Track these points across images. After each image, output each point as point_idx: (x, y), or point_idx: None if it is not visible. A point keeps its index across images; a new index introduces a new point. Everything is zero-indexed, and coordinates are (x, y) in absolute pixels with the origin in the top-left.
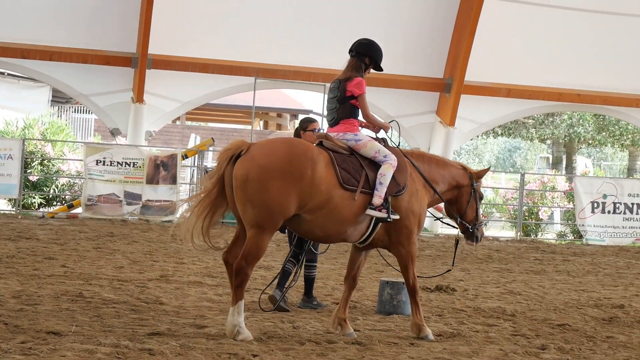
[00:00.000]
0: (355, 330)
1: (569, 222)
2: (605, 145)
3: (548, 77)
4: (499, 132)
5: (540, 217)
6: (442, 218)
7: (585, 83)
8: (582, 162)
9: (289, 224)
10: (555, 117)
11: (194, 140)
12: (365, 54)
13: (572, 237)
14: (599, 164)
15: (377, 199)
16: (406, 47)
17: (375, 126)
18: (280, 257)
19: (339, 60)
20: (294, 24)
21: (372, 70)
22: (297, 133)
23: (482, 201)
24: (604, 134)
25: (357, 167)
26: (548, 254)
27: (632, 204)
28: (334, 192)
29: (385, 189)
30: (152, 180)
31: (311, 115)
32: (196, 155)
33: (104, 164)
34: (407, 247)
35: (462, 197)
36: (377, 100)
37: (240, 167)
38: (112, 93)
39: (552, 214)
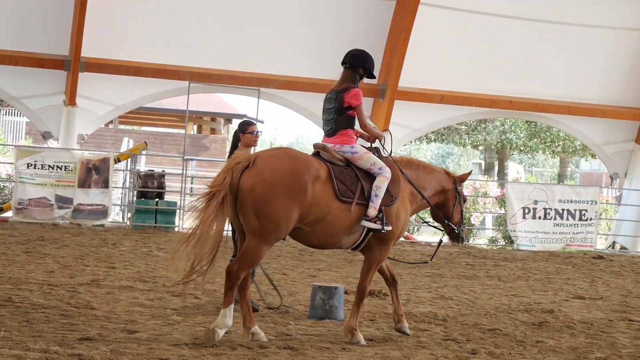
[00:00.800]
0: (286, 335)
1: (501, 227)
2: (537, 152)
3: (481, 83)
4: (432, 138)
5: (472, 222)
6: (429, 222)
7: (518, 90)
8: (513, 169)
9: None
10: (487, 124)
11: (126, 144)
12: (359, 65)
13: (504, 243)
14: (531, 170)
15: (372, 211)
16: (339, 53)
17: (371, 136)
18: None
19: (273, 65)
20: (229, 29)
21: (365, 80)
22: (237, 136)
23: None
24: (535, 140)
25: (353, 179)
26: (479, 259)
27: (563, 209)
28: (331, 205)
29: (380, 201)
30: (83, 184)
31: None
32: (129, 159)
33: (35, 168)
34: (381, 251)
35: (448, 201)
36: (311, 105)
37: (246, 180)
38: (44, 96)
39: (483, 219)
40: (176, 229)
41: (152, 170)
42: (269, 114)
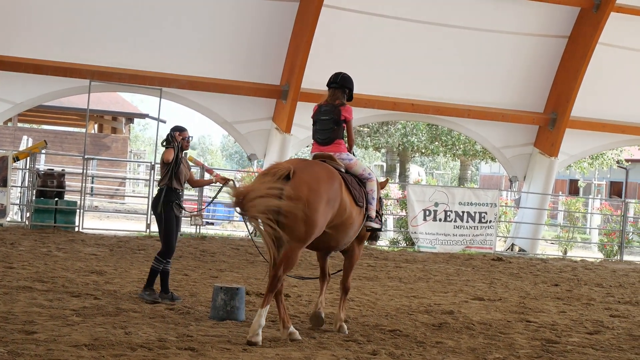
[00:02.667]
0: (187, 336)
1: (402, 229)
2: (438, 155)
3: (383, 86)
4: None
5: None
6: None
7: (419, 93)
8: (415, 171)
9: None
10: (389, 126)
11: (26, 143)
12: (347, 86)
13: (405, 244)
14: (432, 172)
15: (373, 212)
16: (243, 53)
17: (350, 147)
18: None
19: (175, 65)
20: (131, 27)
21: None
22: (171, 139)
23: None
24: (436, 143)
25: (357, 185)
26: (381, 261)
27: (463, 212)
28: (352, 210)
29: (376, 202)
30: None
31: (147, 120)
32: (28, 158)
33: None
34: (360, 249)
35: None
36: (214, 105)
37: (296, 189)
38: None
39: (385, 221)
40: (76, 229)
41: (52, 169)
42: (170, 114)
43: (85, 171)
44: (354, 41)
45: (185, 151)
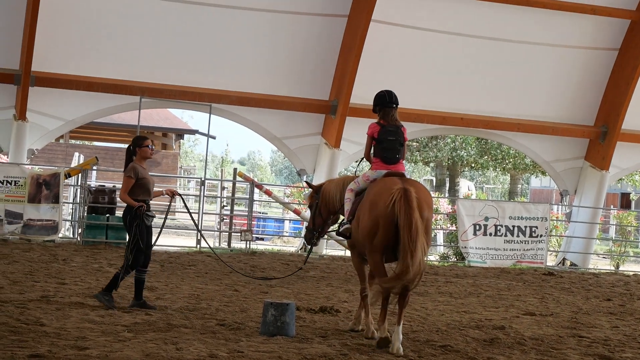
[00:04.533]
0: (238, 352)
1: (452, 244)
2: (488, 169)
3: (432, 100)
4: None
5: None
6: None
7: (469, 107)
8: (464, 185)
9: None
10: (438, 140)
11: (77, 159)
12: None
13: (455, 259)
14: (481, 187)
15: None
16: (293, 69)
17: None
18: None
19: (225, 81)
20: (181, 44)
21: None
22: (132, 150)
23: None
24: (486, 157)
25: None
26: (431, 276)
27: (513, 226)
28: None
29: None
30: (33, 199)
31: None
32: (80, 174)
33: None
34: None
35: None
36: (263, 121)
37: (422, 207)
38: None
39: (435, 236)
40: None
41: (103, 186)
42: (220, 130)
43: None
44: (402, 56)
45: (149, 159)
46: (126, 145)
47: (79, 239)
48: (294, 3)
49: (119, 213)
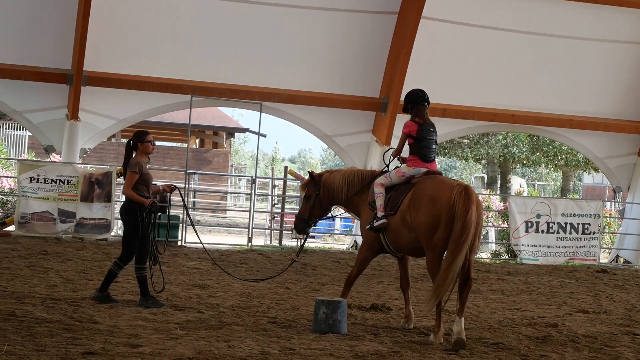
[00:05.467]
0: (290, 349)
1: (504, 241)
2: (539, 166)
3: (483, 97)
4: (435, 152)
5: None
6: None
7: (520, 103)
8: (516, 182)
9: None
10: (490, 137)
11: None
12: None
13: (507, 256)
14: (533, 183)
15: None
16: (343, 67)
17: None
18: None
19: (275, 79)
20: (231, 42)
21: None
22: (132, 145)
23: None
24: (538, 154)
25: None
26: (483, 273)
27: (565, 223)
28: None
29: None
30: (86, 198)
31: (248, 134)
32: None
33: (37, 182)
34: None
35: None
36: (314, 119)
37: (480, 207)
38: (47, 110)
39: (486, 233)
40: (178, 243)
41: (155, 184)
42: (271, 128)
43: (187, 186)
44: (452, 52)
45: (150, 154)
46: (178, 144)
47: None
48: (344, 0)
49: (171, 211)
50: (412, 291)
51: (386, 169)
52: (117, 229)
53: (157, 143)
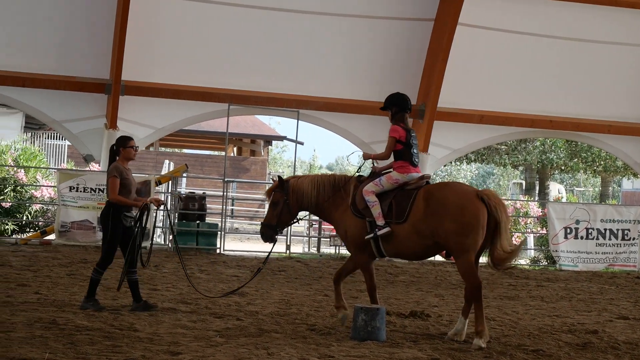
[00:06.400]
0: (329, 356)
1: (543, 247)
2: (578, 172)
3: (520, 103)
4: (472, 158)
5: (514, 242)
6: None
7: (558, 109)
8: (555, 188)
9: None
10: (527, 143)
11: (167, 167)
12: None
13: (546, 263)
14: (572, 189)
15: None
16: (379, 74)
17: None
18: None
19: (312, 87)
20: (268, 50)
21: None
22: (115, 150)
23: None
24: (576, 160)
25: None
26: (522, 280)
27: (605, 229)
28: None
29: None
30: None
31: (285, 142)
32: (170, 182)
33: (77, 191)
34: None
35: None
36: (351, 126)
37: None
38: (86, 119)
39: (525, 239)
40: (217, 250)
41: (193, 192)
42: (308, 135)
43: (225, 194)
44: (489, 59)
45: (132, 160)
46: (216, 153)
47: (170, 245)
48: (381, 8)
49: (209, 219)
50: (451, 297)
51: (357, 173)
52: (156, 237)
53: (195, 152)
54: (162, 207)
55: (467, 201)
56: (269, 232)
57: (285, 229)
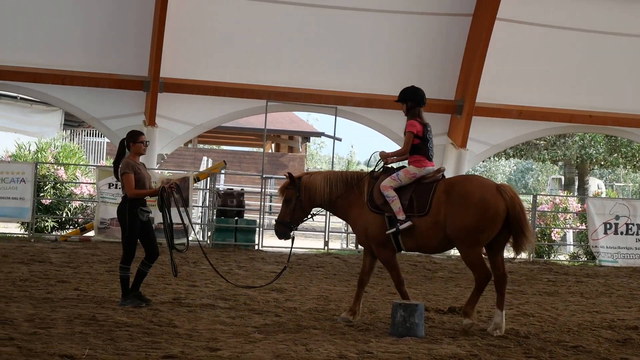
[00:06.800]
0: (368, 353)
1: (582, 243)
2: (618, 167)
3: (559, 98)
4: (511, 154)
5: (553, 238)
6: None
7: (597, 104)
8: (594, 183)
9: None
10: (566, 139)
11: (206, 163)
12: None
13: (585, 259)
14: (611, 185)
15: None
16: (417, 70)
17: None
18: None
19: (350, 83)
20: (305, 46)
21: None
22: (124, 145)
23: None
24: (615, 155)
25: None
26: (561, 276)
27: None
28: None
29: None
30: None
31: (323, 138)
32: (208, 178)
33: (116, 187)
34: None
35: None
36: (389, 122)
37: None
38: (124, 117)
39: (564, 235)
40: (255, 247)
41: (232, 189)
42: (346, 132)
43: (263, 190)
44: (528, 53)
45: (142, 155)
46: (254, 149)
47: (208, 241)
48: (419, 3)
49: (248, 215)
50: (490, 293)
51: (378, 170)
52: (195, 233)
53: (233, 148)
54: (173, 186)
55: (489, 195)
56: (283, 229)
57: (324, 227)
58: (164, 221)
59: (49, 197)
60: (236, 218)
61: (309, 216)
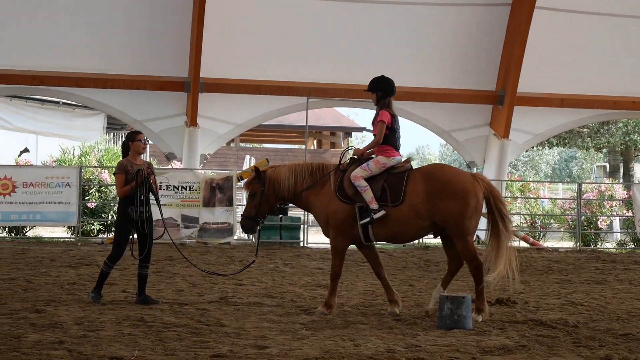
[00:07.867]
0: (416, 346)
1: (629, 230)
2: None
3: (602, 85)
4: (554, 143)
5: (599, 226)
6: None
7: None
8: (639, 170)
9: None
10: (610, 125)
11: (248, 162)
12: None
13: (633, 246)
14: None
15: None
16: (458, 61)
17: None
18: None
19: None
20: (345, 42)
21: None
22: (126, 145)
23: (541, 212)
24: None
25: None
26: (609, 264)
27: None
28: None
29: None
30: (208, 203)
31: (365, 133)
32: None
33: (160, 189)
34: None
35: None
36: (430, 115)
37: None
38: (166, 118)
39: (611, 222)
40: (300, 244)
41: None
42: None
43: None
44: (568, 41)
45: (142, 154)
46: (296, 146)
47: (253, 240)
48: None
49: (292, 213)
50: (537, 283)
51: (344, 162)
52: (240, 232)
53: (275, 146)
54: (148, 170)
55: (469, 184)
56: (249, 224)
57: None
58: (136, 199)
59: (94, 201)
60: (281, 215)
61: (276, 209)
